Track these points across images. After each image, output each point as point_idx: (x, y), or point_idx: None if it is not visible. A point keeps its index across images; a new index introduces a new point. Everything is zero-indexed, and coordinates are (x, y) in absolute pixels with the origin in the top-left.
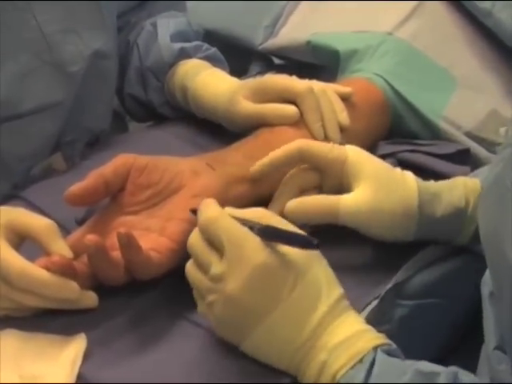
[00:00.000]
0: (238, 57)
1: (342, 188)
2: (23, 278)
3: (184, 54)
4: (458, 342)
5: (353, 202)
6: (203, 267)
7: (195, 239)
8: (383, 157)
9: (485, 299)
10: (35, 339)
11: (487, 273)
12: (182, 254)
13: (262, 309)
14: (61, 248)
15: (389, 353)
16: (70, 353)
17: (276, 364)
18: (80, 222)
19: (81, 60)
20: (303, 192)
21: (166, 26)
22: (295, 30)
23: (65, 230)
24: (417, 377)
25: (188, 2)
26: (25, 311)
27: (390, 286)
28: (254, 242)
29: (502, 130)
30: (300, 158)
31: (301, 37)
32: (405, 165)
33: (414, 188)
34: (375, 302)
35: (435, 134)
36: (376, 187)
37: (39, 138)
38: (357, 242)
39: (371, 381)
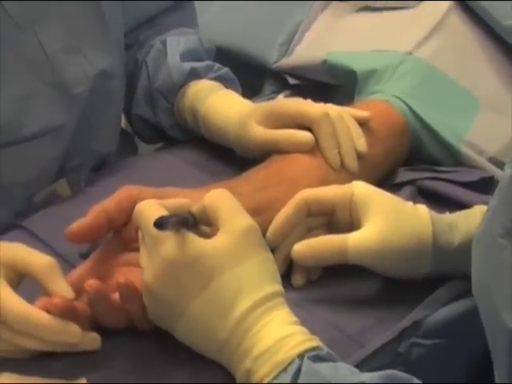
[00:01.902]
0: (251, 75)
1: (352, 226)
2: (22, 321)
3: (194, 75)
4: (484, 377)
5: (361, 239)
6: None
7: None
8: (402, 184)
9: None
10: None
11: None
12: None
13: (178, 302)
14: (62, 288)
15: (318, 357)
16: None
17: (210, 357)
18: (84, 256)
19: (85, 81)
20: (311, 231)
21: (175, 44)
22: (311, 48)
23: (68, 264)
24: None
25: (200, 18)
26: (24, 353)
27: (407, 324)
28: (166, 238)
29: None
30: (307, 209)
31: (316, 56)
32: (425, 193)
33: (426, 220)
34: (391, 341)
35: (456, 158)
36: (385, 222)
37: (42, 163)
38: (373, 277)
39: None
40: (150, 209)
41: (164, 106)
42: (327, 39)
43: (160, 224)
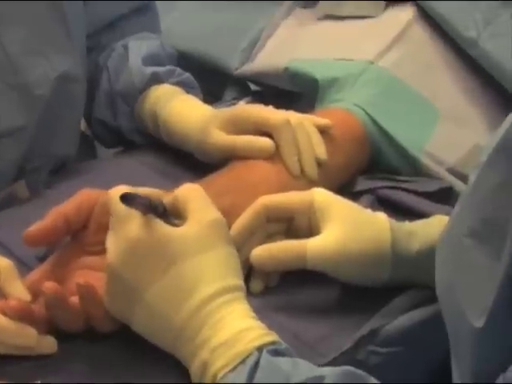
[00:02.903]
0: (213, 81)
1: (312, 232)
2: None
3: (156, 79)
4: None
5: (320, 245)
6: None
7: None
8: (361, 193)
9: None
10: None
11: None
12: None
13: (138, 285)
14: (18, 291)
15: (276, 352)
16: None
17: (163, 347)
18: (42, 259)
19: (47, 83)
20: (269, 238)
21: (137, 48)
22: (273, 55)
23: (25, 267)
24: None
25: (162, 23)
26: None
27: (364, 332)
28: (132, 216)
29: None
30: (267, 215)
31: (278, 63)
32: (384, 202)
33: (385, 227)
34: (349, 349)
35: (416, 169)
36: (344, 228)
37: (1, 164)
38: (331, 284)
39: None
40: (121, 190)
41: (124, 110)
42: (289, 46)
43: (126, 198)
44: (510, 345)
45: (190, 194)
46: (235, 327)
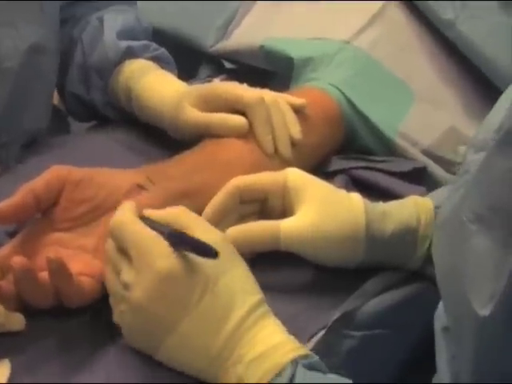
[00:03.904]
0: (187, 58)
1: (285, 213)
2: None
3: (130, 53)
4: (414, 369)
5: (294, 225)
6: (116, 273)
7: (109, 244)
8: (335, 173)
9: (438, 334)
10: None
11: (441, 307)
12: None
13: (170, 318)
14: None
15: (310, 366)
16: None
17: (193, 374)
18: (11, 235)
19: (16, 55)
20: (243, 219)
21: (112, 21)
22: (248, 33)
23: None
24: None
25: None
26: None
27: (337, 315)
28: (159, 248)
29: (462, 148)
30: (240, 196)
31: (254, 41)
32: (357, 182)
33: (360, 208)
34: (322, 333)
35: (391, 149)
36: (318, 209)
37: None
38: (305, 266)
39: None
40: (134, 223)
41: (98, 84)
42: (265, 25)
43: (175, 240)
44: None
45: (184, 215)
46: (269, 342)
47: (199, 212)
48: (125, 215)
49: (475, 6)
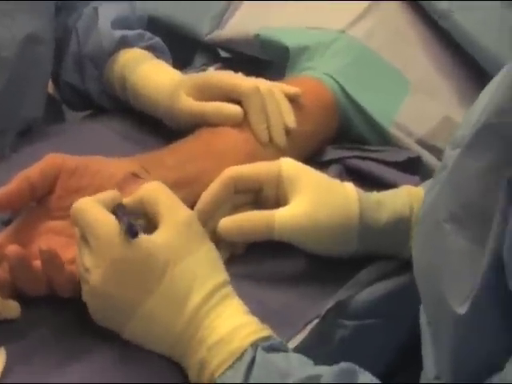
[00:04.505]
0: (182, 47)
1: (279, 203)
2: None
3: (125, 43)
4: (407, 358)
5: (288, 215)
6: (80, 256)
7: (75, 229)
8: (329, 162)
9: (423, 327)
10: None
11: None
12: None
13: (129, 302)
14: None
15: (271, 347)
16: None
17: (161, 352)
18: (5, 223)
19: (13, 44)
20: (237, 209)
21: (107, 11)
22: (244, 21)
23: None
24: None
25: None
26: None
27: (331, 304)
28: (111, 234)
29: None
30: (234, 186)
31: (249, 30)
32: (352, 172)
33: (353, 197)
34: (316, 321)
35: (385, 139)
36: (312, 198)
37: None
38: (298, 255)
39: (251, 382)
40: (92, 209)
41: (93, 74)
42: (261, 14)
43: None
44: (492, 332)
45: (156, 193)
46: (230, 324)
47: (194, 201)
48: (84, 201)
49: None
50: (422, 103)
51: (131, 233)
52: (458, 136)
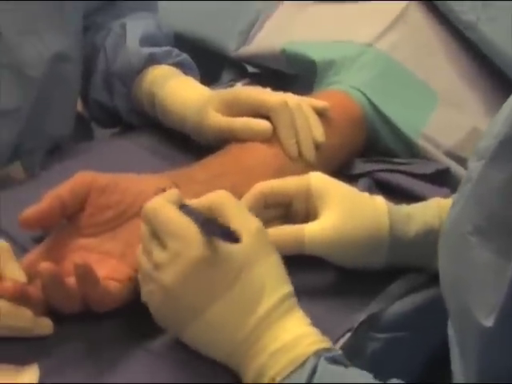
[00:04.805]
0: (210, 63)
1: (309, 217)
2: None
3: (153, 60)
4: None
5: (318, 229)
6: (147, 254)
7: (143, 228)
8: (358, 176)
9: (451, 339)
10: None
11: None
12: None
13: (198, 303)
14: (14, 272)
15: (333, 359)
16: None
17: (216, 359)
18: (38, 240)
19: (41, 63)
20: (267, 223)
21: (135, 28)
22: (270, 36)
23: (21, 248)
24: None
25: (159, 4)
26: None
27: (363, 317)
28: (192, 234)
29: None
30: (264, 201)
31: (276, 44)
32: (381, 185)
33: (383, 210)
34: (348, 335)
35: (414, 151)
36: (342, 212)
37: None
38: (328, 269)
39: None
40: (166, 208)
41: (121, 91)
42: (287, 28)
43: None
44: None
45: (226, 202)
46: (293, 333)
47: None
48: (158, 201)
49: (496, 6)
50: (450, 114)
51: (208, 231)
52: (480, 147)
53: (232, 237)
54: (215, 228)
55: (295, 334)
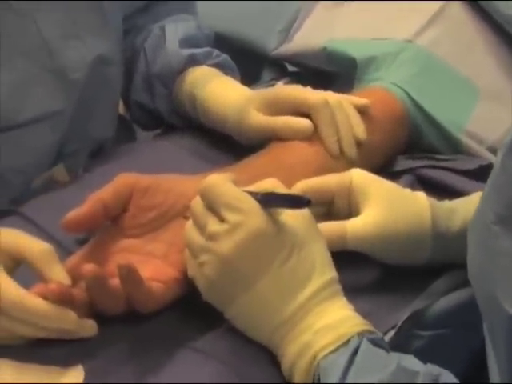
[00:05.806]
0: (250, 62)
1: (351, 213)
2: (19, 307)
3: (193, 61)
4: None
5: (360, 225)
6: (200, 228)
7: (196, 202)
8: (401, 173)
9: (486, 335)
10: (31, 371)
11: None
12: (186, 284)
13: (251, 275)
14: (58, 274)
15: (374, 342)
16: None
17: (256, 337)
18: (81, 242)
19: (83, 66)
20: None
21: (174, 30)
22: (310, 35)
23: (65, 250)
24: (399, 373)
25: (198, 5)
26: (21, 340)
27: (408, 314)
28: (252, 206)
29: None
30: None
31: (316, 43)
32: (424, 181)
33: (425, 205)
34: (392, 332)
35: (456, 148)
36: (384, 208)
37: (39, 148)
38: (371, 265)
39: (353, 368)
40: (227, 184)
41: (162, 93)
42: (327, 26)
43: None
44: None
45: (277, 187)
46: (338, 314)
47: None
48: (217, 176)
49: None
50: (492, 110)
51: (268, 204)
52: (507, 140)
53: (299, 200)
54: (277, 198)
55: (340, 316)
